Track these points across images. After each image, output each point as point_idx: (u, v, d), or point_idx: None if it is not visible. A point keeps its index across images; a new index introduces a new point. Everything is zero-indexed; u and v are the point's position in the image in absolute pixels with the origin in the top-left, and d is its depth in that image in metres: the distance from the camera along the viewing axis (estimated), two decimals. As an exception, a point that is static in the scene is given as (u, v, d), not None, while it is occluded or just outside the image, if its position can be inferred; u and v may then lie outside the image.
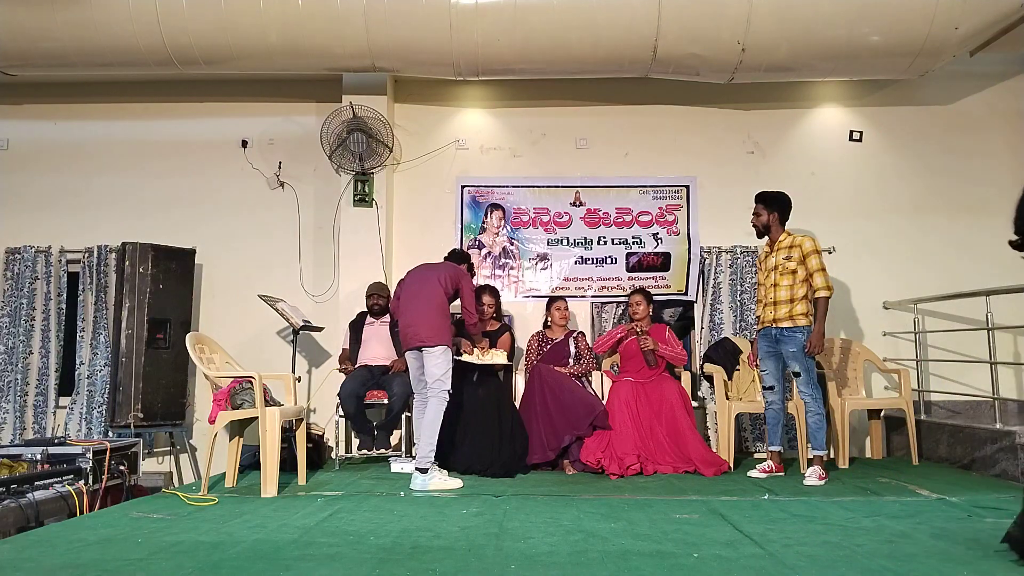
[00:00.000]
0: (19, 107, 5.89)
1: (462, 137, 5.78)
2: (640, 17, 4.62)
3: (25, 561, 2.50)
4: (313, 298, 5.58)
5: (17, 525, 3.43)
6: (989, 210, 5.46)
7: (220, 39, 4.79)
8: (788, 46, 4.75)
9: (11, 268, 5.55)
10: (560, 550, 2.57)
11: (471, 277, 4.53)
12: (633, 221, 5.60)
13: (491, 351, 4.60)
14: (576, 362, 4.85)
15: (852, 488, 3.83)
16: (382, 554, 2.52)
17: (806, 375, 4.03)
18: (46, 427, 5.36)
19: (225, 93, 5.84)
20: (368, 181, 5.47)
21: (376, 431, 4.62)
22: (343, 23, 4.70)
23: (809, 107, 5.72)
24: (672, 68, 5.01)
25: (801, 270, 4.06)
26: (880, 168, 5.61)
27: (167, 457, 5.45)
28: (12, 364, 5.40)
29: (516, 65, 5.04)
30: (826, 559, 2.43)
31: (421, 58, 5.00)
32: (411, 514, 3.20)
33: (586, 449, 4.37)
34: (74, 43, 4.85)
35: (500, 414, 4.48)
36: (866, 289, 5.47)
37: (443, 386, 3.93)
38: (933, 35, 4.60)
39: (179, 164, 5.79)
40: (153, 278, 5.03)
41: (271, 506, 3.41)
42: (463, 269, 4.30)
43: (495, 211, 5.66)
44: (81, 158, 5.81)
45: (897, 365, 5.24)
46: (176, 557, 2.51)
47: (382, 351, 4.89)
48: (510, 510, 3.28)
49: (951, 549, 2.55)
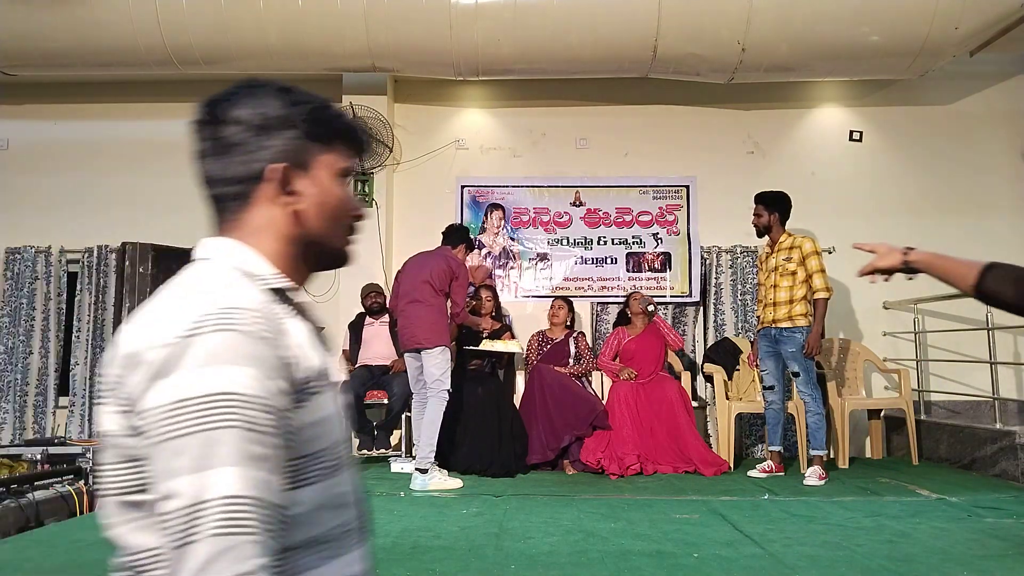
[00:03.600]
0: (19, 107, 5.89)
1: (462, 137, 5.78)
2: (640, 17, 4.61)
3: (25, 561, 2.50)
4: (313, 298, 5.58)
5: (17, 525, 3.42)
6: (989, 210, 5.46)
7: (220, 39, 4.79)
8: (788, 46, 4.75)
9: (11, 268, 5.55)
10: (560, 550, 2.57)
11: (471, 249, 4.49)
12: (633, 221, 5.59)
13: (506, 340, 4.64)
14: (576, 362, 4.85)
15: (852, 488, 3.83)
16: (382, 554, 2.52)
17: (805, 375, 4.03)
18: (46, 427, 5.35)
19: (225, 93, 5.83)
20: (368, 181, 5.46)
21: (376, 431, 4.62)
22: (343, 23, 4.69)
23: (809, 107, 5.72)
24: (672, 68, 5.01)
25: (801, 271, 4.06)
26: (880, 168, 5.61)
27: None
28: (12, 364, 5.40)
29: (516, 65, 5.03)
30: (826, 559, 2.43)
31: (421, 58, 4.99)
32: (411, 514, 3.20)
33: (586, 449, 4.37)
34: (74, 43, 4.84)
35: (500, 414, 4.48)
36: (866, 289, 5.45)
37: (442, 386, 3.92)
38: (933, 35, 4.59)
39: (179, 164, 5.71)
40: (153, 278, 5.02)
41: (271, 506, 3.41)
42: (458, 259, 4.21)
43: (495, 211, 5.65)
44: (81, 158, 5.80)
45: (897, 365, 5.24)
46: (176, 557, 2.51)
47: (382, 351, 4.88)
48: (510, 510, 3.28)
49: (951, 549, 2.55)
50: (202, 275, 0.75)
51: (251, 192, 0.81)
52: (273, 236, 0.82)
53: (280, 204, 0.81)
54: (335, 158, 0.86)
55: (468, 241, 4.43)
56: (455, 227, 4.47)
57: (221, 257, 0.79)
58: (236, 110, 0.81)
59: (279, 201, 0.81)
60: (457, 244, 4.30)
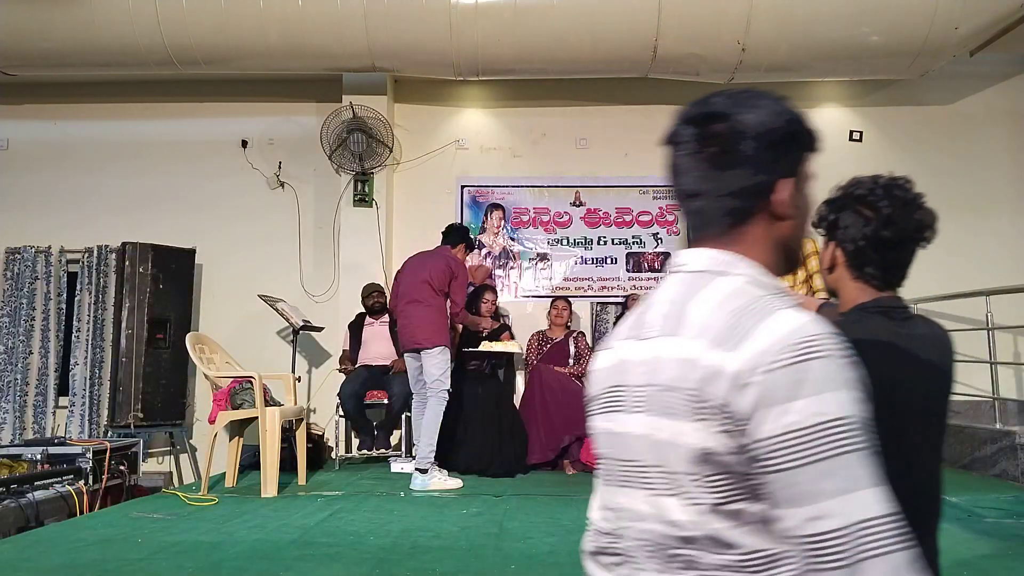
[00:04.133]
0: (19, 107, 5.89)
1: (462, 137, 5.78)
2: (640, 17, 4.62)
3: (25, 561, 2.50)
4: (313, 298, 5.58)
5: (17, 525, 3.42)
6: (989, 210, 5.46)
7: (220, 39, 4.79)
8: (788, 46, 4.75)
9: (11, 268, 5.55)
10: (560, 550, 2.57)
11: (471, 249, 4.48)
12: (633, 221, 5.60)
13: (505, 340, 4.64)
14: (576, 362, 4.85)
15: (852, 488, 3.83)
16: (382, 554, 2.52)
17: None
18: (46, 427, 5.35)
19: (225, 93, 5.84)
20: (368, 181, 5.46)
21: (376, 431, 4.62)
22: (343, 23, 4.69)
23: (809, 107, 5.71)
24: (672, 68, 5.01)
25: (801, 272, 4.06)
26: (880, 168, 5.47)
27: (167, 457, 5.45)
28: (12, 364, 5.40)
29: (516, 65, 5.03)
30: (826, 559, 2.43)
31: (421, 58, 4.99)
32: (411, 514, 3.20)
33: (586, 449, 4.37)
34: (74, 43, 4.84)
35: (500, 414, 4.48)
36: (866, 289, 5.47)
37: (442, 386, 3.93)
38: (933, 35, 4.59)
39: (179, 164, 5.79)
40: (153, 278, 5.02)
41: (271, 506, 3.41)
42: (457, 259, 4.22)
43: (495, 211, 5.66)
44: (81, 158, 5.80)
45: (897, 365, 5.23)
46: (176, 557, 2.51)
47: (382, 351, 4.88)
48: (510, 510, 3.28)
49: (951, 549, 2.55)
50: (748, 292, 0.77)
51: (755, 206, 0.82)
52: (767, 247, 0.83)
53: (779, 216, 0.82)
54: (809, 165, 0.87)
55: (468, 240, 4.42)
56: (454, 227, 4.47)
57: (739, 271, 0.80)
58: (748, 123, 0.81)
59: (780, 213, 0.82)
60: (457, 243, 4.30)
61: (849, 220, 1.23)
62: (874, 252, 1.19)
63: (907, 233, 1.19)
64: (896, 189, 1.23)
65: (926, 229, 1.21)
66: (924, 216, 1.21)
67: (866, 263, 1.20)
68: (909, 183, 1.25)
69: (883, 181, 1.26)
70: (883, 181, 1.26)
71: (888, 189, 1.23)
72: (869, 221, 1.20)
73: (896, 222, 1.18)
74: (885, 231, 1.18)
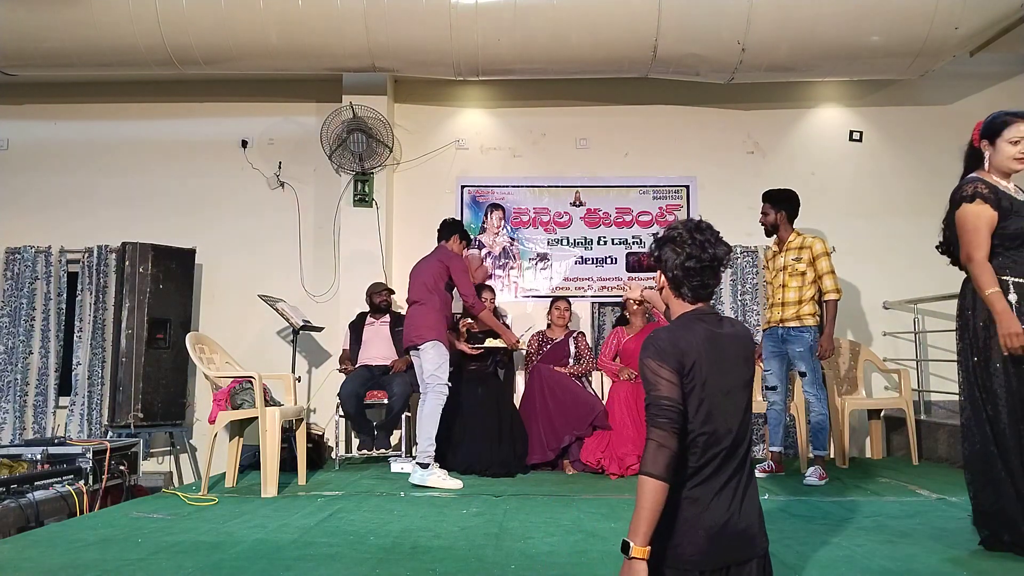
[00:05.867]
0: (19, 107, 5.89)
1: (462, 137, 5.78)
2: (640, 17, 4.62)
3: (25, 561, 2.50)
4: (313, 298, 5.58)
5: (17, 525, 3.42)
6: (989, 210, 5.44)
7: (220, 39, 4.79)
8: (788, 46, 4.75)
9: (11, 268, 5.55)
10: (560, 550, 2.57)
11: (466, 239, 4.47)
12: (633, 221, 5.60)
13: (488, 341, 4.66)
14: (576, 362, 4.85)
15: (852, 488, 3.83)
16: (382, 554, 2.53)
17: (812, 375, 4.03)
18: (46, 427, 5.36)
19: (225, 93, 5.84)
20: (368, 181, 5.46)
21: (376, 431, 4.62)
22: (343, 23, 4.69)
23: (809, 107, 5.72)
24: (672, 68, 5.01)
25: (810, 272, 4.06)
26: (880, 168, 5.61)
27: (167, 457, 5.45)
28: (12, 364, 5.40)
29: (516, 65, 5.04)
30: (826, 559, 2.44)
31: (421, 58, 5.00)
32: (411, 514, 3.20)
33: (586, 449, 4.37)
34: (74, 43, 4.85)
35: (500, 414, 4.49)
36: (866, 289, 5.47)
37: (438, 380, 3.94)
38: (933, 35, 4.59)
39: (179, 164, 5.79)
40: (153, 278, 5.03)
41: (271, 506, 3.41)
42: (448, 251, 4.25)
43: (495, 211, 5.66)
44: (81, 158, 5.80)
45: (897, 365, 5.24)
46: (176, 557, 2.51)
47: (382, 351, 4.89)
48: (510, 510, 3.28)
49: (951, 549, 2.55)
50: None
51: None
52: None
53: None
54: None
55: (461, 231, 4.43)
56: (446, 221, 4.47)
57: None
58: None
59: None
60: (450, 237, 4.34)
61: (668, 255, 1.66)
62: (684, 277, 1.64)
63: (705, 263, 1.63)
64: (697, 232, 1.65)
65: (723, 259, 1.65)
66: (718, 250, 1.64)
67: (681, 285, 1.66)
68: (709, 227, 1.67)
69: (690, 226, 1.67)
70: (690, 226, 1.67)
71: (691, 232, 1.65)
72: (679, 255, 1.64)
73: (695, 256, 1.62)
74: (689, 262, 1.62)
